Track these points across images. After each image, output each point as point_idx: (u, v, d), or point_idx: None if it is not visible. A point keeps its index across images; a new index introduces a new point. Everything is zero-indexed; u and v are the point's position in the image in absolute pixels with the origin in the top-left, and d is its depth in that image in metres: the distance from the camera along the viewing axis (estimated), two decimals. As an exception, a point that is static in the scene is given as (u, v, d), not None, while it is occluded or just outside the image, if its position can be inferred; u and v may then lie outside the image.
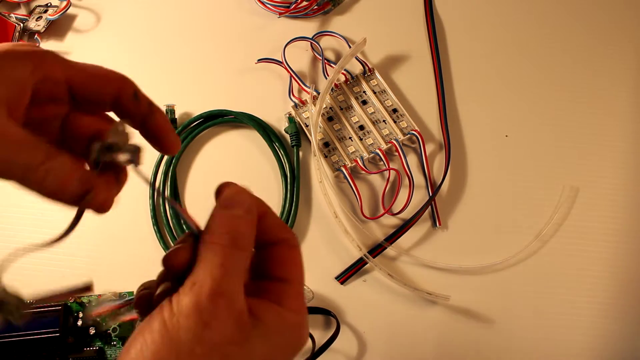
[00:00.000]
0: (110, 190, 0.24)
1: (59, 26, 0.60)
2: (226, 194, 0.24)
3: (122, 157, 0.24)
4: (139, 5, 0.61)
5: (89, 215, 0.30)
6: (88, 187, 0.23)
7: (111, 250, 0.49)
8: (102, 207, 0.24)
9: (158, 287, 0.23)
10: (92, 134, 0.25)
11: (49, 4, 0.60)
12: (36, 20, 0.58)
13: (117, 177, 0.25)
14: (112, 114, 0.26)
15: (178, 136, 0.26)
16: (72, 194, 0.22)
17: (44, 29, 0.58)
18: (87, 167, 0.24)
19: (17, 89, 0.22)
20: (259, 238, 0.25)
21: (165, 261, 0.23)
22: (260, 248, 0.25)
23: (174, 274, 0.22)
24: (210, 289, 0.20)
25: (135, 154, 0.24)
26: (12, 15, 0.59)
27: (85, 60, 0.58)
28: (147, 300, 0.23)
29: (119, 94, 0.24)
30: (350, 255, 0.48)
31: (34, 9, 0.60)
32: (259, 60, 0.55)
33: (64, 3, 0.58)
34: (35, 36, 0.58)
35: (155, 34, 0.59)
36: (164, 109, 0.54)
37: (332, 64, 0.55)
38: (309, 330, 0.25)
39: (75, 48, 0.58)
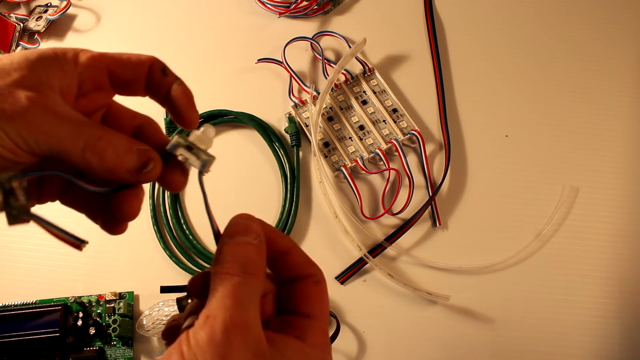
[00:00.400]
0: (174, 175, 0.25)
1: (59, 26, 0.60)
2: (231, 222, 0.23)
3: (195, 161, 0.24)
4: (139, 5, 0.61)
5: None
6: (146, 159, 0.23)
7: (111, 250, 0.49)
8: (175, 186, 0.25)
9: (186, 319, 0.22)
10: (132, 130, 0.26)
11: (49, 4, 0.60)
12: (36, 20, 0.58)
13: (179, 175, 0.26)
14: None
15: (198, 112, 0.27)
16: (131, 166, 0.23)
17: (44, 29, 0.58)
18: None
19: (67, 79, 0.23)
20: (284, 274, 0.25)
21: (188, 288, 0.24)
22: (285, 284, 0.25)
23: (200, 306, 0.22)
24: (223, 322, 0.20)
25: (207, 163, 0.24)
26: (12, 15, 0.59)
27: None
28: (175, 332, 0.23)
29: (150, 72, 0.25)
30: (350, 255, 0.48)
31: (34, 9, 0.60)
32: (259, 60, 0.55)
33: (64, 3, 0.58)
34: (35, 36, 0.58)
35: (155, 34, 0.59)
36: (164, 110, 0.55)
37: (332, 64, 0.55)
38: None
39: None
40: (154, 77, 0.25)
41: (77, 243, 0.24)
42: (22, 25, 0.58)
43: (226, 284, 0.21)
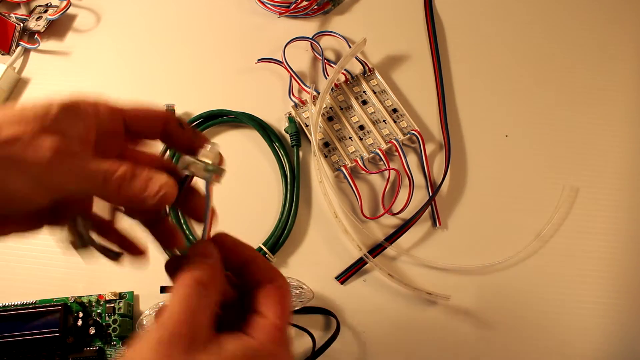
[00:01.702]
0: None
1: (59, 26, 0.60)
2: (190, 250, 0.26)
3: (199, 172, 0.27)
4: (139, 5, 0.61)
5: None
6: (161, 184, 0.26)
7: (111, 250, 0.48)
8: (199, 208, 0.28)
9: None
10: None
11: (49, 4, 0.60)
12: (36, 20, 0.58)
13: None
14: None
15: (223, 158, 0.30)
16: (149, 193, 0.25)
17: (44, 28, 0.58)
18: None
19: (85, 130, 0.25)
20: (249, 280, 0.27)
21: (166, 269, 0.27)
22: (249, 291, 0.27)
23: None
24: (171, 327, 0.22)
25: (212, 174, 0.27)
26: (12, 15, 0.59)
27: (85, 60, 0.58)
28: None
29: (166, 125, 0.28)
30: (350, 255, 0.48)
31: (34, 9, 0.60)
32: (259, 60, 0.55)
33: (64, 3, 0.58)
34: (36, 36, 0.58)
35: (155, 34, 0.59)
36: (164, 109, 0.54)
37: (332, 64, 0.55)
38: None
39: (75, 48, 0.58)
40: (171, 130, 0.28)
41: (115, 257, 0.29)
42: (22, 25, 0.58)
43: (179, 294, 0.24)
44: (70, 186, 0.24)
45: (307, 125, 0.52)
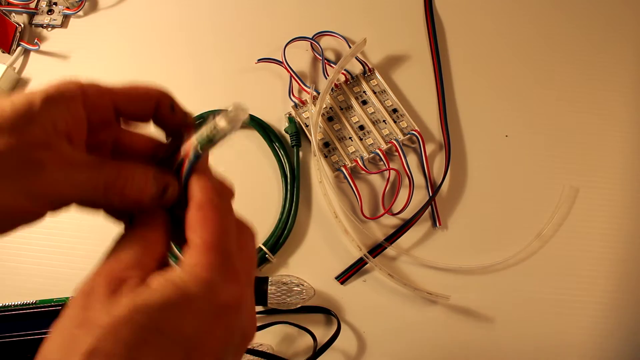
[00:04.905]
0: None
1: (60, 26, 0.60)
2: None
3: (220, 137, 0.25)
4: (140, 5, 0.61)
5: (86, 214, 0.29)
6: (164, 185, 0.24)
7: (111, 250, 0.48)
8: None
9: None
10: (141, 151, 0.26)
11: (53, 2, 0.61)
12: (48, 14, 0.60)
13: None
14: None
15: None
16: (152, 194, 0.23)
17: (61, 22, 0.59)
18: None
19: (74, 121, 0.23)
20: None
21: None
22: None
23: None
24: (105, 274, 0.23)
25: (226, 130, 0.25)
26: (13, 14, 0.59)
27: (86, 60, 0.58)
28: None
29: (158, 107, 0.26)
30: (350, 255, 0.48)
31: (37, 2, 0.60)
32: (259, 60, 0.55)
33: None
34: (35, 40, 0.58)
35: (155, 34, 0.59)
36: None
37: (332, 64, 0.55)
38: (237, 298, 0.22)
39: (76, 48, 0.58)
40: (161, 114, 0.26)
41: None
42: (22, 26, 0.58)
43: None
44: (70, 196, 0.22)
45: (307, 125, 0.52)
